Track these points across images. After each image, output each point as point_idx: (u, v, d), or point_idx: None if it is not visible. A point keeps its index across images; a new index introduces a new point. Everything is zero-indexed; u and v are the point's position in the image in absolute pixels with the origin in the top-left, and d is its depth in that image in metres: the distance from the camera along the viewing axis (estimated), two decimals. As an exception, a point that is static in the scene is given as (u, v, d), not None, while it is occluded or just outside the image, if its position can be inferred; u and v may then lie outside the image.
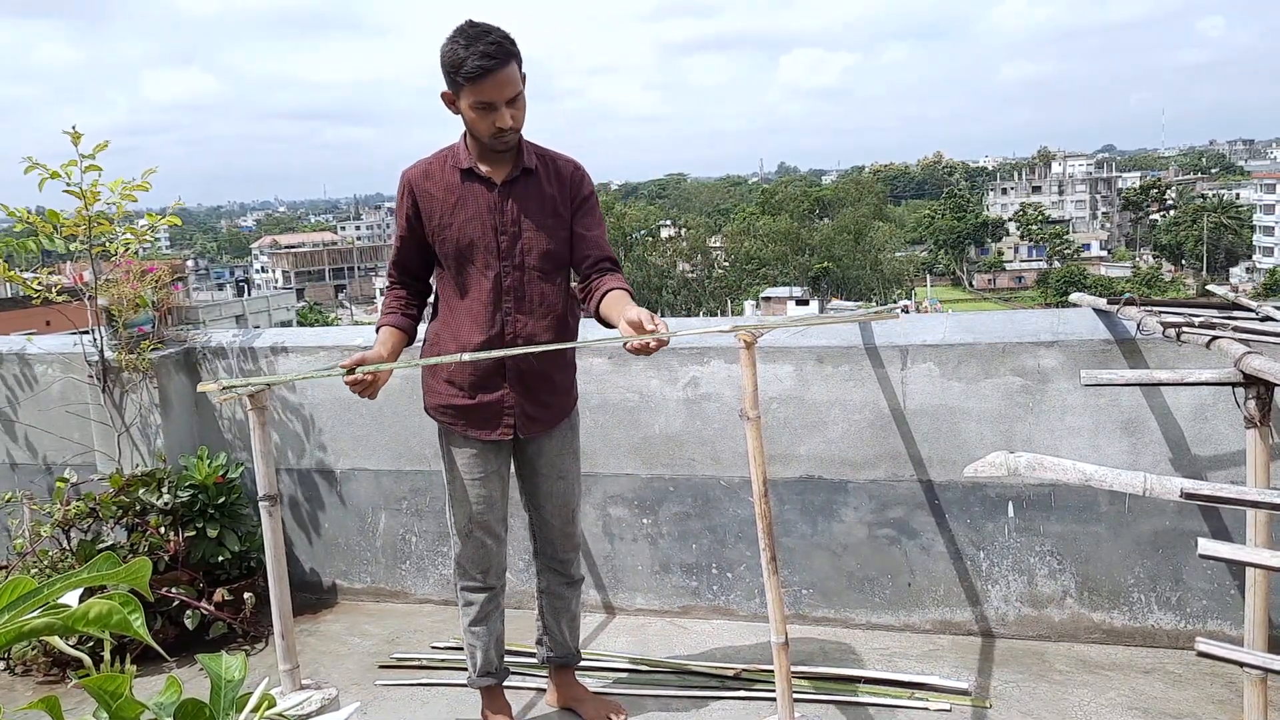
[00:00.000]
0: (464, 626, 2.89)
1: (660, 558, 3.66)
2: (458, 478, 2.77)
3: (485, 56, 2.43)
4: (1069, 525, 3.23)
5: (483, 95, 2.46)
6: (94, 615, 0.92)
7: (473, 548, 2.80)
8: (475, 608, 2.85)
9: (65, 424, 4.10)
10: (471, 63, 2.43)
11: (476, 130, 2.55)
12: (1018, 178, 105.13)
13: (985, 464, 1.94)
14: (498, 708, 2.94)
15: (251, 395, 2.93)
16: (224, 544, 3.71)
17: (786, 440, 3.43)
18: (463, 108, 2.52)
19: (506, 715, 2.94)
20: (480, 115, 2.50)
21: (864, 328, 3.38)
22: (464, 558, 2.82)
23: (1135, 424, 3.13)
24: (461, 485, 2.77)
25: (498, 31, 2.49)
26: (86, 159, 3.66)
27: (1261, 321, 2.83)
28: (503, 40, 2.47)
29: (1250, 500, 1.69)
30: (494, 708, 2.94)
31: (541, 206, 2.66)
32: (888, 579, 3.43)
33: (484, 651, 2.89)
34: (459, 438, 2.76)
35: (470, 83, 2.45)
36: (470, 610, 2.86)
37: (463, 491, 2.77)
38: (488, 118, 2.49)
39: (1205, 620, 3.17)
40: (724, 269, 64.88)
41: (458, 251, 2.64)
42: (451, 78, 2.49)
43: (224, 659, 1.08)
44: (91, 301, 3.87)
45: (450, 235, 2.64)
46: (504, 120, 2.50)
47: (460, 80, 2.46)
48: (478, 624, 2.87)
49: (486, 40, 2.45)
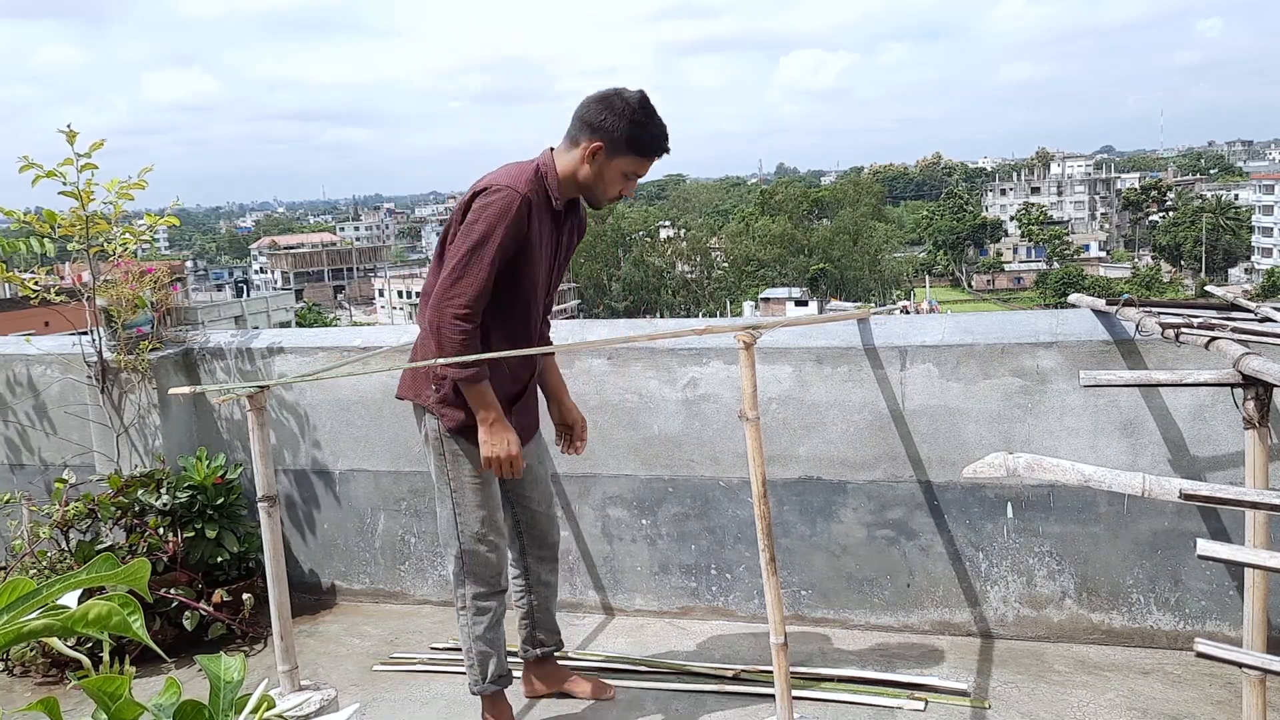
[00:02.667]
0: (475, 635, 2.82)
1: (659, 558, 3.66)
2: (466, 485, 2.73)
3: (665, 139, 2.57)
4: (1068, 526, 3.23)
5: (639, 169, 2.60)
6: (93, 616, 0.92)
7: (486, 550, 2.77)
8: (489, 615, 2.82)
9: (64, 425, 4.09)
10: (653, 139, 2.53)
11: (604, 189, 2.62)
12: (1016, 178, 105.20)
13: (984, 465, 1.94)
14: (502, 710, 2.92)
15: (250, 396, 2.93)
16: (223, 545, 3.71)
17: (785, 441, 3.43)
18: (608, 166, 2.58)
19: (510, 716, 2.94)
20: (622, 182, 2.61)
21: (863, 329, 3.39)
22: (477, 565, 2.77)
23: (1134, 425, 3.13)
24: (474, 491, 2.73)
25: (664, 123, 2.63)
26: (82, 158, 3.65)
27: (1260, 322, 2.83)
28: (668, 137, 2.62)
29: (1249, 501, 1.69)
30: (499, 712, 2.92)
31: (570, 245, 2.83)
32: (887, 580, 3.43)
33: (497, 658, 2.86)
34: (465, 440, 2.72)
35: (639, 154, 2.57)
36: (483, 619, 2.81)
37: (476, 497, 2.73)
38: (624, 186, 2.62)
39: (1204, 621, 3.17)
40: (723, 269, 64.88)
41: (527, 279, 2.65)
42: (619, 138, 2.54)
43: (223, 660, 1.08)
44: (90, 302, 3.87)
45: (530, 267, 2.64)
46: (628, 191, 2.64)
47: (631, 146, 2.55)
48: (492, 630, 2.83)
49: (663, 124, 2.59)
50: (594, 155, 2.56)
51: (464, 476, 2.73)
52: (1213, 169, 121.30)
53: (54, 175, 3.65)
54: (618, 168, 2.57)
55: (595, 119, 2.54)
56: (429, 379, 2.71)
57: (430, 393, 2.71)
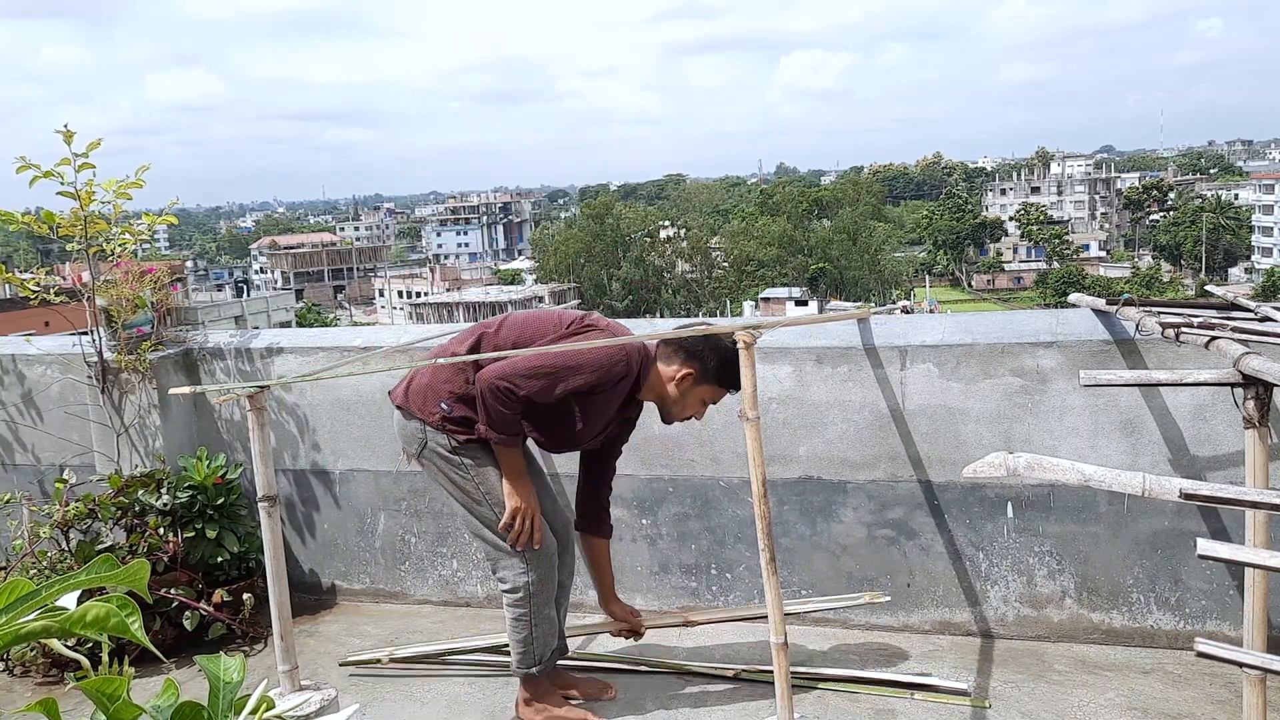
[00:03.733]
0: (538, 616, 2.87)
1: (659, 558, 3.66)
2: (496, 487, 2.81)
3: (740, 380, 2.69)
4: (1068, 526, 3.23)
5: (717, 398, 2.88)
6: (91, 618, 0.92)
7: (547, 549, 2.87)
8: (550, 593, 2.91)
9: (64, 425, 4.09)
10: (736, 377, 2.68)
11: (684, 408, 2.87)
12: (1016, 178, 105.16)
13: (984, 464, 1.94)
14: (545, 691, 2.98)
15: (250, 396, 2.93)
16: (223, 545, 3.70)
17: (785, 441, 3.43)
18: (695, 390, 2.83)
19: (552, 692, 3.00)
20: (701, 407, 2.89)
21: (864, 329, 3.38)
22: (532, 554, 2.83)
23: (1134, 424, 3.13)
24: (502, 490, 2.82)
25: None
26: (80, 157, 3.65)
27: (1260, 322, 2.83)
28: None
29: (1249, 500, 1.69)
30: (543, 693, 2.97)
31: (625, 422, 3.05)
32: (887, 579, 3.42)
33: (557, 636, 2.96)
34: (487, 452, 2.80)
35: (723, 387, 2.84)
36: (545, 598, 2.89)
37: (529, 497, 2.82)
38: (701, 410, 2.90)
39: (1204, 620, 3.17)
40: (723, 269, 64.86)
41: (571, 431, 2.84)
42: (714, 374, 2.81)
43: (223, 660, 1.07)
44: (90, 302, 3.87)
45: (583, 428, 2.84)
46: (700, 416, 2.92)
47: (718, 379, 2.81)
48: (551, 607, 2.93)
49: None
50: (684, 379, 2.82)
51: (491, 480, 2.81)
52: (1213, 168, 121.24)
53: (51, 175, 3.65)
54: (699, 394, 2.85)
55: (695, 348, 2.81)
56: (438, 400, 2.80)
57: (440, 411, 2.79)
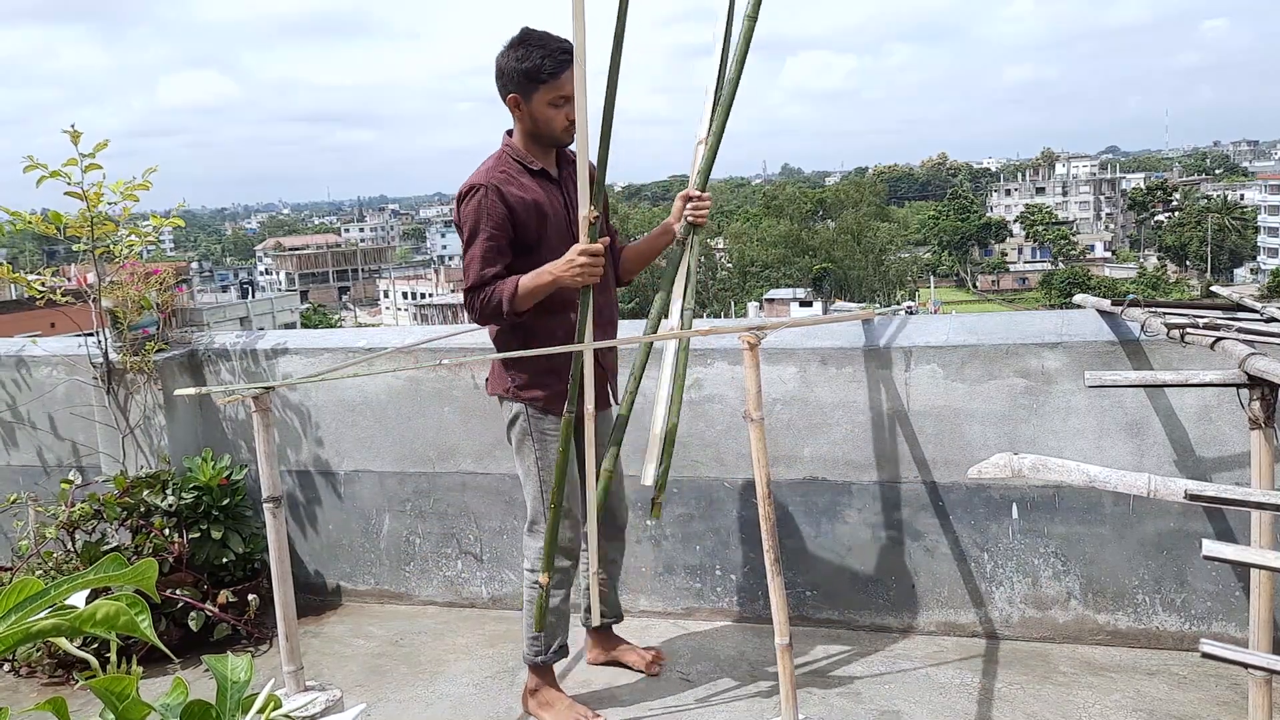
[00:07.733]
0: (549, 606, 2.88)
1: (664, 559, 3.66)
2: (554, 464, 2.80)
3: (563, 53, 2.63)
4: (1073, 527, 3.23)
5: (562, 90, 2.66)
6: (101, 616, 0.92)
7: (569, 524, 2.88)
8: (566, 587, 2.95)
9: (70, 426, 4.11)
10: (550, 62, 2.62)
11: (550, 128, 2.73)
12: (1021, 179, 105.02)
13: (989, 465, 1.94)
14: (551, 681, 3.03)
15: (255, 397, 2.94)
16: (228, 546, 3.71)
17: (790, 442, 3.43)
18: (536, 107, 2.70)
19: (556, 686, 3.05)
20: (556, 112, 2.70)
21: (868, 330, 3.38)
22: (563, 539, 2.86)
23: (1139, 425, 3.12)
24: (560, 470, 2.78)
25: (558, 36, 2.68)
26: (87, 158, 3.66)
27: (1266, 322, 2.83)
28: (568, 43, 2.61)
29: (1255, 502, 1.69)
30: (549, 682, 3.02)
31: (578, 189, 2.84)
32: (892, 580, 3.42)
33: (562, 630, 2.99)
34: (552, 418, 2.83)
35: (551, 79, 2.66)
36: (560, 591, 2.93)
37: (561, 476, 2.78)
38: (561, 113, 2.70)
39: (1210, 622, 3.16)
40: (727, 270, 64.86)
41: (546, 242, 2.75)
42: (525, 80, 2.67)
43: (230, 660, 1.08)
44: (96, 304, 3.88)
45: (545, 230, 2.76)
46: (572, 114, 2.63)
47: (541, 79, 2.65)
48: (565, 601, 2.97)
49: (555, 42, 2.66)
50: (518, 107, 2.73)
51: (551, 455, 2.84)
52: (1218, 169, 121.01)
53: (58, 175, 3.67)
54: (541, 104, 2.70)
55: (499, 79, 2.73)
56: (506, 371, 2.88)
57: (510, 380, 2.86)
